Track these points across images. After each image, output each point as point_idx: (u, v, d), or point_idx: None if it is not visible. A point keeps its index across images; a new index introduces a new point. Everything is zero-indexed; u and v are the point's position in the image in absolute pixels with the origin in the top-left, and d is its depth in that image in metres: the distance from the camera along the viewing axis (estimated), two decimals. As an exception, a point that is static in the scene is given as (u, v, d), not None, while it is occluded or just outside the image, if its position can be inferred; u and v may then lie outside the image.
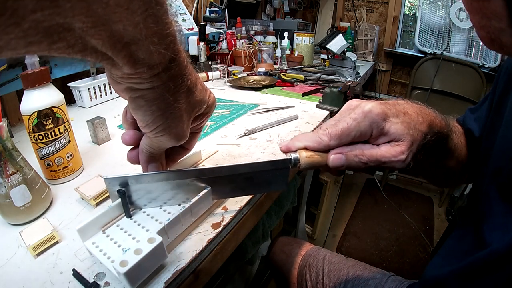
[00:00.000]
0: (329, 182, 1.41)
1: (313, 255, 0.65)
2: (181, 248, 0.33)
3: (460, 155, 0.40)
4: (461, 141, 0.41)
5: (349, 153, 0.30)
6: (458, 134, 0.41)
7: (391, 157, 0.29)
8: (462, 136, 0.42)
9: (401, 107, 0.31)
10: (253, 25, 1.57)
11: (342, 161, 0.30)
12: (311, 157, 0.30)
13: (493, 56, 1.66)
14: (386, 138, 0.30)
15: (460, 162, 0.41)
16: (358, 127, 0.29)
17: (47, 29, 0.15)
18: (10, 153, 0.35)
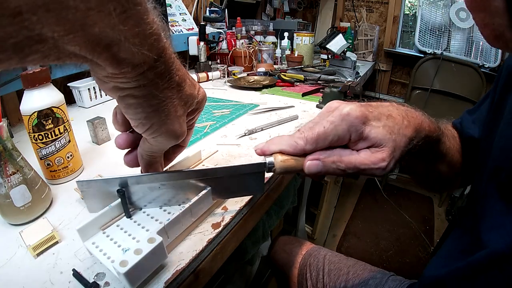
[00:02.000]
0: (329, 182, 1.41)
1: (314, 254, 0.65)
2: (181, 248, 0.33)
3: (452, 160, 0.39)
4: (453, 146, 0.40)
5: (326, 159, 0.28)
6: (451, 138, 0.40)
7: (371, 164, 0.27)
8: (455, 140, 0.41)
9: (385, 110, 0.29)
10: (253, 25, 1.57)
11: (319, 168, 0.28)
12: (286, 162, 0.29)
13: (493, 56, 1.66)
14: (366, 143, 0.28)
15: (452, 167, 0.40)
16: (335, 131, 0.27)
17: (15, 45, 0.14)
18: (10, 153, 0.35)
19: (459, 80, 1.69)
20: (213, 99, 0.86)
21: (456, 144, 0.41)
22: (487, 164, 0.35)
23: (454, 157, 0.40)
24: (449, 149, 0.38)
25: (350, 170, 0.28)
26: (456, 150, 0.41)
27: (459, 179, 0.44)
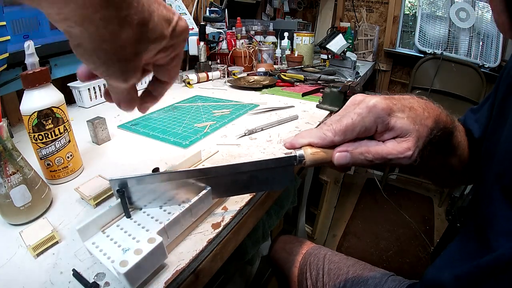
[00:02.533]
0: (329, 182, 1.41)
1: (314, 253, 0.65)
2: (181, 248, 0.33)
3: (463, 153, 0.40)
4: (464, 140, 0.40)
5: (355, 150, 0.29)
6: (461, 132, 0.40)
7: (398, 154, 0.28)
8: (464, 134, 0.42)
9: (407, 102, 0.30)
10: (253, 25, 1.57)
11: (347, 159, 0.29)
12: (316, 154, 0.30)
13: (493, 56, 1.66)
14: (391, 133, 0.29)
15: (462, 161, 0.41)
16: (363, 123, 0.28)
17: None
18: (10, 153, 0.35)
19: (459, 80, 1.69)
20: (213, 99, 0.86)
21: (465, 139, 0.41)
22: (491, 167, 0.34)
23: (464, 152, 0.40)
24: (460, 143, 0.38)
25: (377, 161, 0.29)
26: (466, 145, 0.41)
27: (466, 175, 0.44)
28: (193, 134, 0.61)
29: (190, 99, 0.86)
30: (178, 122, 0.68)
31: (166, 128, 0.65)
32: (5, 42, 0.56)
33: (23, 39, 0.66)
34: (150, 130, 0.64)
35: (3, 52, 0.56)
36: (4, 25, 0.55)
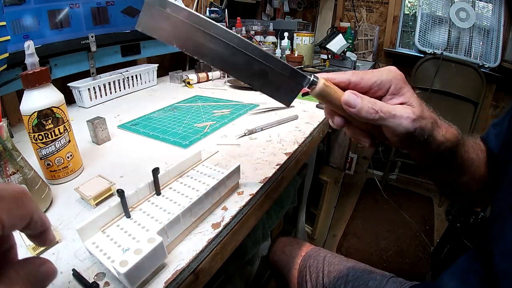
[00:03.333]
0: (329, 182, 1.41)
1: (313, 255, 0.65)
2: (181, 248, 0.33)
3: (478, 172, 0.39)
4: (480, 158, 0.39)
5: (364, 97, 0.30)
6: (478, 151, 0.39)
7: (402, 113, 0.29)
8: (482, 154, 0.40)
9: None
10: (253, 25, 1.57)
11: (356, 101, 0.29)
12: (328, 86, 0.31)
13: (493, 56, 1.66)
14: (400, 99, 0.30)
15: (478, 180, 0.39)
16: (381, 76, 0.30)
17: None
18: (10, 153, 0.35)
19: (459, 80, 1.69)
20: (213, 99, 0.86)
21: (483, 158, 0.40)
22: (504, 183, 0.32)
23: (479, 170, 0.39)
24: (473, 160, 0.37)
25: (382, 113, 0.29)
26: (482, 164, 0.39)
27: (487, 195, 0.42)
28: (193, 134, 0.61)
29: (190, 99, 0.86)
30: (178, 122, 0.68)
31: (166, 128, 0.65)
32: (5, 42, 0.56)
33: (23, 39, 0.66)
34: (150, 130, 0.64)
35: (3, 52, 0.56)
36: (4, 25, 0.55)
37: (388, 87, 0.30)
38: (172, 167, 0.41)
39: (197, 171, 0.44)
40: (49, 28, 0.73)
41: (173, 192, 0.39)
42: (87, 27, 0.81)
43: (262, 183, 0.45)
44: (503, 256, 0.29)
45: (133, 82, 0.93)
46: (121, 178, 0.47)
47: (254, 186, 0.44)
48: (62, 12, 0.75)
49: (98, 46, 0.82)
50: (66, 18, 0.76)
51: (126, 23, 0.91)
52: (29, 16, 0.68)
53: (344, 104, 0.30)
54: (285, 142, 0.58)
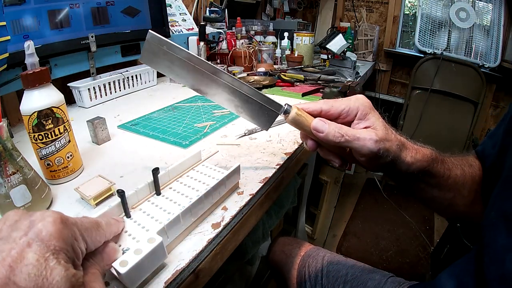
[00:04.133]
0: (329, 182, 1.41)
1: (313, 255, 0.65)
2: (181, 248, 0.33)
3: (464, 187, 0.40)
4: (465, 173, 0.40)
5: (331, 123, 0.34)
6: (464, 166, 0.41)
7: (366, 135, 0.33)
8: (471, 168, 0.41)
9: None
10: (253, 25, 1.57)
11: (324, 127, 0.34)
12: (300, 115, 0.35)
13: (493, 56, 1.66)
14: (366, 123, 0.34)
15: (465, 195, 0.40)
16: (348, 103, 0.35)
17: None
18: (10, 153, 0.35)
19: (459, 80, 1.69)
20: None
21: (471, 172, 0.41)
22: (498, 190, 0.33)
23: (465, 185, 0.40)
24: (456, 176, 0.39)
25: (347, 137, 0.33)
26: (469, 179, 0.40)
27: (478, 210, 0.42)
28: (193, 134, 0.61)
29: (190, 99, 0.87)
30: (178, 122, 0.68)
31: (166, 128, 0.65)
32: (5, 42, 0.56)
33: (23, 39, 0.66)
34: (150, 130, 0.64)
35: (3, 52, 0.56)
36: (4, 25, 0.55)
37: (355, 113, 0.34)
38: (172, 167, 0.41)
39: (197, 171, 0.44)
40: (49, 28, 0.73)
41: (173, 192, 0.39)
42: (87, 27, 0.81)
43: (262, 183, 0.45)
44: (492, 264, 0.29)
45: (133, 82, 0.93)
46: (121, 178, 0.47)
47: (254, 186, 0.44)
48: (62, 12, 0.75)
49: (98, 46, 0.82)
50: (66, 18, 0.76)
51: (126, 23, 0.91)
52: (29, 16, 0.68)
53: (313, 130, 0.34)
54: (285, 142, 0.58)
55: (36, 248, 0.19)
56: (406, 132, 1.96)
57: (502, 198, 0.31)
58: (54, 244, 0.20)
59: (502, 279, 0.27)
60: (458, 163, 0.41)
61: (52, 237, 0.20)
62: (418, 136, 1.83)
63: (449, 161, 0.40)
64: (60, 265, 0.19)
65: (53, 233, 0.20)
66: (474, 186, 0.41)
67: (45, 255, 0.19)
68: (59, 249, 0.20)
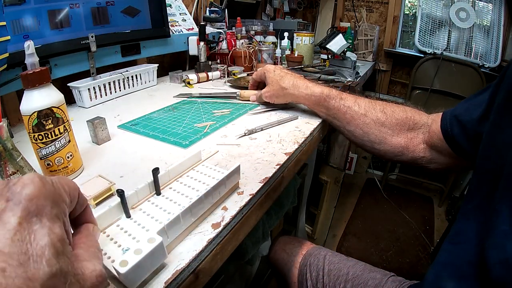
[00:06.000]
0: (329, 182, 1.41)
1: (314, 254, 0.65)
2: (181, 248, 0.33)
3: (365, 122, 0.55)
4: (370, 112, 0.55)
5: (257, 93, 0.74)
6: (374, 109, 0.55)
7: (264, 92, 0.70)
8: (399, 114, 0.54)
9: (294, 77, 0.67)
10: (253, 25, 1.57)
11: (253, 98, 0.76)
12: (243, 96, 0.80)
13: (493, 56, 1.67)
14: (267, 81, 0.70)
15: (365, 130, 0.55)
16: (260, 72, 0.72)
17: None
18: (10, 153, 0.35)
19: (459, 80, 1.69)
20: (213, 99, 0.86)
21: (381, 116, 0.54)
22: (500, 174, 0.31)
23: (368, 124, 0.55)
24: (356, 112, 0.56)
25: (264, 98, 0.71)
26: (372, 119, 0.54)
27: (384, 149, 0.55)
28: (193, 134, 0.61)
29: (190, 99, 0.86)
30: (178, 122, 0.68)
31: (166, 128, 0.65)
32: (5, 42, 0.56)
33: (23, 39, 0.66)
34: (150, 130, 0.64)
35: (3, 52, 0.56)
36: (4, 25, 0.55)
37: (264, 76, 0.70)
38: (172, 167, 0.41)
39: (197, 171, 0.44)
40: (49, 28, 0.73)
41: (173, 192, 0.39)
42: (87, 27, 0.81)
43: (262, 183, 0.45)
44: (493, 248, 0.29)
45: (133, 82, 0.93)
46: (121, 178, 0.47)
47: (254, 186, 0.44)
48: (62, 12, 0.75)
49: (98, 46, 0.82)
50: (66, 18, 0.76)
51: (126, 23, 0.91)
52: (29, 16, 0.68)
53: (252, 100, 0.76)
54: (285, 142, 0.58)
55: (17, 210, 0.17)
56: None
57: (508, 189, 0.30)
58: (36, 204, 0.18)
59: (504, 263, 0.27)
60: (364, 105, 0.56)
61: (33, 197, 0.18)
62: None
63: (351, 100, 0.57)
64: (43, 228, 0.17)
65: (34, 192, 0.18)
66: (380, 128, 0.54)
67: (27, 217, 0.17)
68: (41, 209, 0.18)
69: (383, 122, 0.53)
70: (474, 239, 0.33)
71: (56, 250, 0.17)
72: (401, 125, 0.53)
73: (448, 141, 0.45)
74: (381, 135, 0.53)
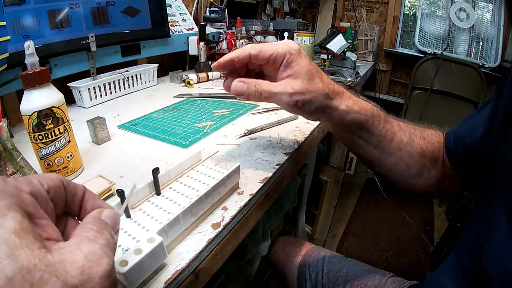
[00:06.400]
0: (329, 182, 1.41)
1: (313, 255, 0.65)
2: (181, 248, 0.33)
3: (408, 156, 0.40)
4: (414, 144, 0.40)
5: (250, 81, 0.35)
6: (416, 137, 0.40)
7: (281, 90, 0.34)
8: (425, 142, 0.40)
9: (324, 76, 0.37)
10: (253, 25, 1.57)
11: (243, 88, 0.35)
12: None
13: (493, 56, 1.67)
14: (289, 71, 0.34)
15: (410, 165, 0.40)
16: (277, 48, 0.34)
17: None
18: (10, 153, 0.35)
19: (459, 80, 1.69)
20: (213, 99, 0.86)
21: (421, 146, 0.40)
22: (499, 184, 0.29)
23: (412, 155, 0.40)
24: (401, 143, 0.40)
25: (265, 94, 0.35)
26: (418, 151, 0.40)
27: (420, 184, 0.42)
28: (193, 134, 0.61)
29: (190, 99, 0.86)
30: (178, 122, 0.68)
31: (166, 128, 0.65)
32: (5, 42, 0.56)
33: (23, 39, 0.66)
34: (150, 130, 0.64)
35: (3, 52, 0.56)
36: (4, 25, 0.55)
37: (282, 60, 0.34)
38: (172, 167, 0.41)
39: (197, 171, 0.44)
40: (49, 28, 0.73)
41: (173, 192, 0.39)
42: (87, 27, 0.81)
43: (262, 183, 0.45)
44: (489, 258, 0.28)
45: (133, 82, 0.93)
46: (121, 178, 0.47)
47: (254, 186, 0.44)
48: (62, 12, 0.75)
49: (98, 46, 0.82)
50: (66, 18, 0.76)
51: (126, 23, 0.91)
52: (29, 16, 0.68)
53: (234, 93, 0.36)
54: (285, 142, 0.58)
55: None
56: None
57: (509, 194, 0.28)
58: None
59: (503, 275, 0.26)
60: (408, 130, 0.41)
61: None
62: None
63: (396, 124, 0.40)
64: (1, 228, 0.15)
65: None
66: (422, 159, 0.40)
67: None
68: None
69: (424, 150, 0.41)
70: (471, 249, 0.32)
71: (10, 246, 0.14)
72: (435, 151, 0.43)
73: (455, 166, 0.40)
74: (421, 167, 0.42)
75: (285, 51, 0.34)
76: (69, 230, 0.22)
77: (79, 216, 0.23)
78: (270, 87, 0.34)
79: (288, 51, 0.34)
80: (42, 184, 0.19)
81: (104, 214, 0.22)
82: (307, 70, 0.34)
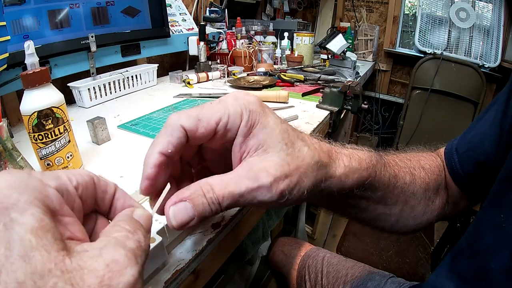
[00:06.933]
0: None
1: (312, 256, 0.65)
2: (181, 248, 0.33)
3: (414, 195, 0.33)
4: (416, 180, 0.34)
5: (193, 194, 0.20)
6: (415, 170, 0.34)
7: (250, 186, 0.20)
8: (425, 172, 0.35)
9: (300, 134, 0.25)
10: (253, 25, 1.57)
11: (190, 213, 0.20)
12: None
13: (493, 56, 1.67)
14: (252, 142, 0.22)
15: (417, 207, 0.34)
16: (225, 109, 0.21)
17: None
18: (10, 153, 0.35)
19: (459, 80, 1.69)
20: (213, 99, 0.86)
21: (423, 178, 0.34)
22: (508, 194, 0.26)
23: (415, 195, 0.34)
24: (404, 185, 0.32)
25: (226, 201, 0.20)
26: (422, 186, 0.34)
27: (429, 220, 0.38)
28: (193, 134, 0.61)
29: (190, 99, 0.86)
30: (178, 122, 0.68)
31: (166, 128, 0.65)
32: (5, 42, 0.56)
33: (23, 39, 0.66)
34: (150, 130, 0.64)
35: (3, 52, 0.56)
36: (4, 25, 0.55)
37: (237, 127, 0.21)
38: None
39: (197, 171, 0.44)
40: (49, 28, 0.73)
41: (173, 192, 0.39)
42: (87, 27, 0.81)
43: (262, 183, 0.45)
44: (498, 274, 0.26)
45: (133, 82, 0.93)
46: (121, 178, 0.47)
47: (254, 186, 0.44)
48: (62, 12, 0.75)
49: (98, 46, 0.82)
50: (66, 18, 0.76)
51: (126, 23, 0.91)
52: (29, 16, 0.68)
53: (177, 228, 0.21)
54: (285, 142, 0.58)
55: None
56: (406, 132, 1.97)
57: None
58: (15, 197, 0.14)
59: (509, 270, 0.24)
60: (405, 166, 0.33)
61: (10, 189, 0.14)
62: (418, 136, 1.83)
63: (393, 164, 0.32)
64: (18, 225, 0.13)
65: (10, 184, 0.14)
66: (427, 193, 0.34)
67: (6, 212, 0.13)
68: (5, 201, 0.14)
69: (428, 183, 0.35)
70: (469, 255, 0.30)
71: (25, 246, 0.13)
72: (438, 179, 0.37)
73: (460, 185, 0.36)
74: (426, 202, 0.36)
75: (239, 109, 0.21)
76: (99, 229, 0.20)
77: (109, 215, 0.21)
78: (230, 187, 0.20)
79: (243, 109, 0.21)
80: (71, 179, 0.18)
81: (136, 213, 0.20)
82: (280, 133, 0.22)
